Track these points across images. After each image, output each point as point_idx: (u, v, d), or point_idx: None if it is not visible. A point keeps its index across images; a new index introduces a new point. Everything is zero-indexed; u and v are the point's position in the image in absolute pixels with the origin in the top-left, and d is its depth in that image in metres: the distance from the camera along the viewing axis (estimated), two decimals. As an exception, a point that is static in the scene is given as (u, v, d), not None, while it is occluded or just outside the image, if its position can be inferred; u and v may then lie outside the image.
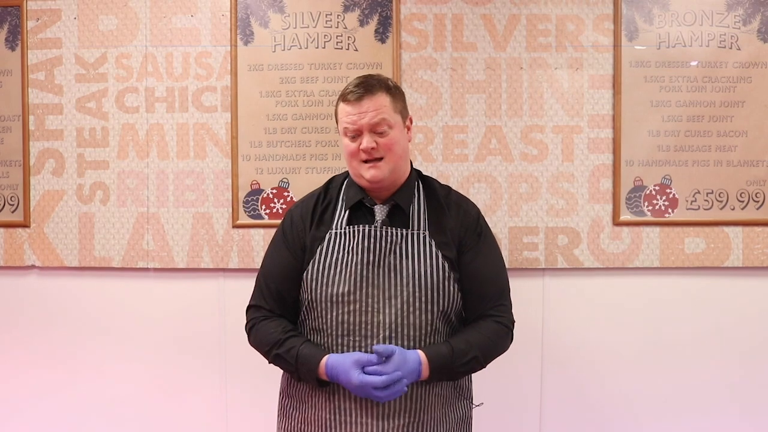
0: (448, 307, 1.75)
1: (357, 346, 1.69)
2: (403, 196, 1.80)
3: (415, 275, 1.72)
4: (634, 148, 2.63)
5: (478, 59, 2.62)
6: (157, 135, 2.66)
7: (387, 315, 1.69)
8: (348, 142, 1.76)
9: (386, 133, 1.74)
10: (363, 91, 1.74)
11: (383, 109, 1.74)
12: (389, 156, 1.75)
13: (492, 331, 1.79)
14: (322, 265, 1.75)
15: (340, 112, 1.78)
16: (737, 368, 2.65)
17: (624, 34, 2.63)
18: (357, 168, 1.76)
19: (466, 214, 1.84)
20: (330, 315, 1.72)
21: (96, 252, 2.67)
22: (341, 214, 1.80)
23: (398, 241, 1.75)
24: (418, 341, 1.71)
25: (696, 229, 2.64)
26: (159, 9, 2.66)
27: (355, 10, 2.62)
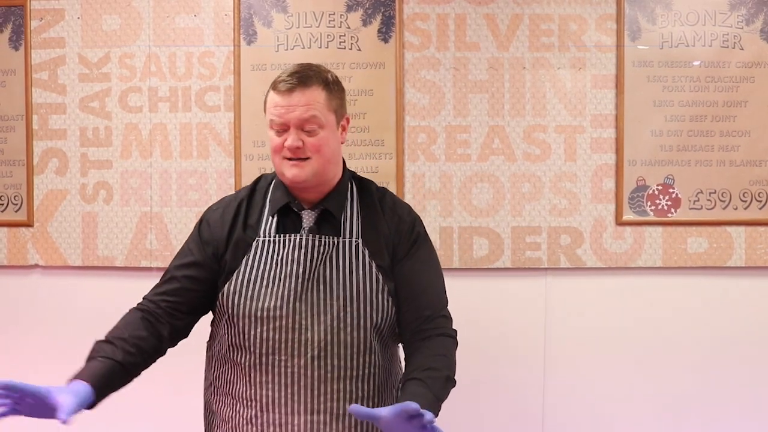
0: (382, 322, 1.59)
1: (283, 365, 1.54)
2: (332, 201, 1.63)
3: (346, 288, 1.56)
4: (636, 147, 2.63)
5: (481, 59, 2.63)
6: (160, 135, 2.67)
7: (316, 332, 1.54)
8: (273, 135, 1.58)
9: (315, 132, 1.56)
10: (296, 82, 1.55)
11: (315, 105, 1.55)
12: (316, 157, 1.56)
13: (445, 347, 1.58)
14: (247, 278, 1.57)
15: (269, 102, 1.59)
16: (740, 368, 2.65)
17: (627, 33, 2.63)
18: (279, 165, 1.59)
19: (400, 219, 1.66)
20: (253, 332, 1.55)
21: (99, 251, 2.68)
22: (268, 220, 1.62)
23: (329, 251, 1.59)
24: (349, 359, 1.56)
25: (699, 229, 2.64)
26: (162, 9, 2.66)
27: (358, 10, 2.63)
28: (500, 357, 2.63)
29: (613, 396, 2.65)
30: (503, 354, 2.63)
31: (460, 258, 2.62)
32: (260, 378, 1.56)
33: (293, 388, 1.55)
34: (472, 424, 2.63)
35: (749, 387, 2.65)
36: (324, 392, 1.55)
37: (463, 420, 2.63)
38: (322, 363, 1.54)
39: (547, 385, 2.64)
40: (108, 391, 1.57)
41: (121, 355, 1.56)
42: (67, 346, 2.69)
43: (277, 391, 1.55)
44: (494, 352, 2.62)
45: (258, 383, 1.57)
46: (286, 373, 1.55)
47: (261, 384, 1.56)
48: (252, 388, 1.57)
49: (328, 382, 1.55)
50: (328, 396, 1.55)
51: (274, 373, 1.55)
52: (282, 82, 1.57)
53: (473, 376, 2.56)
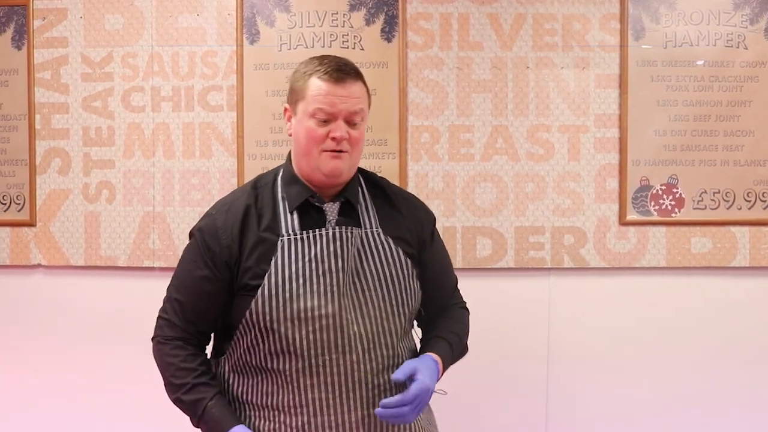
0: (415, 306, 1.63)
1: (333, 365, 1.50)
2: (351, 191, 1.61)
3: (381, 277, 1.56)
4: (640, 147, 2.62)
5: (484, 58, 2.62)
6: (162, 134, 2.66)
7: (361, 325, 1.52)
8: (314, 125, 1.52)
9: (358, 126, 1.55)
10: (350, 73, 1.53)
11: (363, 99, 1.56)
12: (354, 151, 1.56)
13: (464, 317, 1.75)
14: (281, 279, 1.50)
15: (313, 89, 1.52)
16: (743, 368, 2.64)
17: (630, 33, 2.62)
18: (316, 158, 1.53)
19: (415, 207, 1.71)
20: (298, 334, 1.49)
21: (102, 251, 2.67)
22: (289, 218, 1.56)
23: (356, 243, 1.56)
24: (394, 348, 1.56)
25: (702, 229, 2.63)
26: (165, 8, 2.66)
27: (361, 10, 2.62)
28: (503, 357, 2.63)
29: (616, 396, 2.65)
30: (506, 354, 2.63)
31: (463, 258, 2.61)
32: (310, 381, 1.51)
33: (346, 386, 1.51)
34: (475, 424, 2.63)
35: (752, 387, 2.64)
36: (377, 384, 1.53)
37: (466, 420, 2.62)
38: (371, 356, 1.53)
39: (550, 385, 2.64)
40: None
41: (217, 385, 1.59)
42: (69, 346, 2.71)
43: (330, 393, 1.51)
44: (497, 353, 2.62)
45: (308, 387, 1.51)
46: (338, 372, 1.51)
47: (311, 388, 1.51)
48: (301, 394, 1.51)
49: (378, 373, 1.53)
50: (381, 388, 1.54)
51: (325, 374, 1.50)
52: (334, 71, 1.52)
53: (476, 376, 2.55)
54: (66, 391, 2.70)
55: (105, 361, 2.69)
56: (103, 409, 2.70)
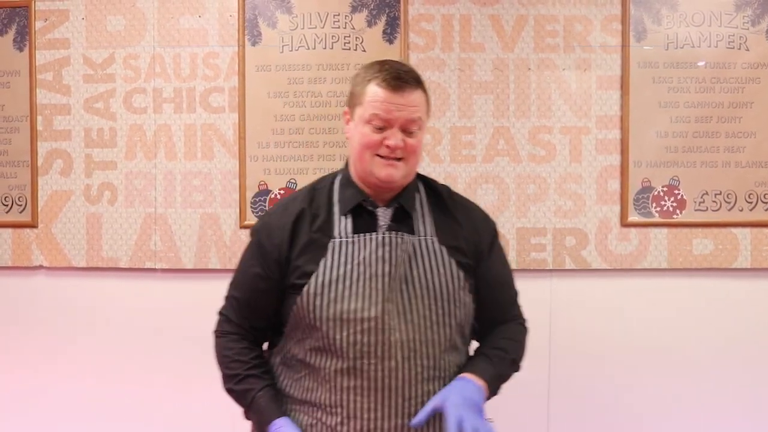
0: (464, 319, 1.58)
1: (372, 369, 1.49)
2: (407, 197, 1.60)
3: (430, 286, 1.53)
4: (642, 149, 2.62)
5: (486, 60, 2.62)
6: (164, 136, 2.66)
7: (404, 332, 1.50)
8: (369, 131, 1.51)
9: (415, 134, 1.53)
10: (409, 81, 1.51)
11: (421, 107, 1.54)
12: (410, 159, 1.54)
13: (519, 333, 1.69)
14: (327, 280, 1.51)
15: (370, 95, 1.51)
16: (745, 369, 2.64)
17: (632, 34, 2.62)
18: (369, 163, 1.53)
19: (476, 217, 1.67)
20: (339, 335, 1.49)
21: (104, 252, 2.67)
22: (341, 220, 1.57)
23: (407, 249, 1.55)
24: (436, 359, 1.53)
25: (704, 231, 2.63)
26: (166, 9, 2.66)
27: (363, 11, 2.62)
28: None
29: (618, 397, 2.65)
30: (508, 355, 2.62)
31: (465, 259, 2.61)
32: (347, 383, 1.50)
33: (383, 393, 1.50)
34: (477, 425, 2.63)
35: (754, 388, 2.64)
36: (413, 395, 1.51)
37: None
38: (411, 364, 1.50)
39: (552, 386, 2.64)
40: None
41: (268, 378, 1.61)
42: (70, 347, 2.71)
43: (366, 397, 1.50)
44: (499, 354, 2.61)
45: (345, 389, 1.51)
46: (376, 377, 1.49)
47: (348, 390, 1.50)
48: (337, 394, 1.51)
49: (417, 383, 1.51)
50: (418, 399, 1.51)
51: (363, 377, 1.49)
52: (393, 78, 1.50)
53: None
54: (67, 392, 2.70)
55: (106, 361, 2.69)
56: (104, 409, 2.70)
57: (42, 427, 2.72)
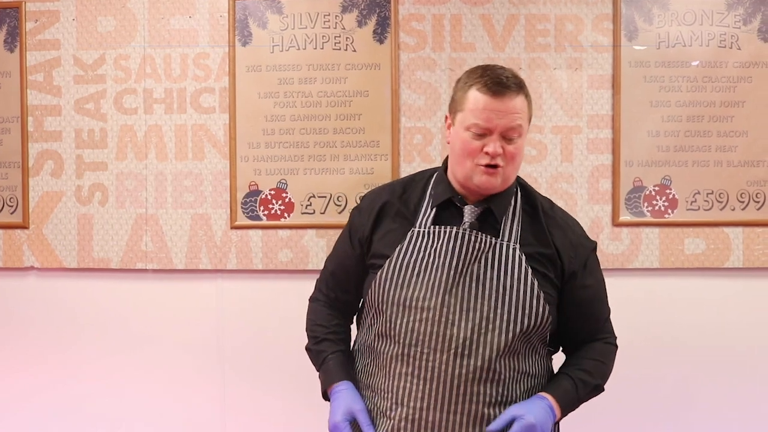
0: (531, 328, 1.53)
1: (424, 358, 1.50)
2: (497, 202, 1.58)
3: (499, 288, 1.52)
4: (633, 148, 2.62)
5: (477, 59, 2.61)
6: (155, 136, 2.66)
7: (462, 329, 1.49)
8: (469, 137, 1.51)
9: (515, 141, 1.52)
10: (511, 87, 1.50)
11: (522, 114, 1.52)
12: (510, 166, 1.54)
13: (606, 354, 1.66)
14: (399, 266, 1.55)
15: (471, 102, 1.51)
16: (737, 369, 2.63)
17: (623, 33, 2.62)
18: (470, 170, 1.53)
19: (572, 233, 1.63)
20: (400, 320, 1.52)
21: (95, 253, 2.67)
22: (427, 212, 1.60)
23: (485, 249, 1.54)
24: (491, 362, 1.50)
25: (696, 230, 2.63)
26: (157, 10, 2.66)
27: (354, 11, 2.62)
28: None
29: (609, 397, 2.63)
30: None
31: (456, 259, 2.60)
32: (400, 369, 1.53)
33: (432, 384, 1.50)
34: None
35: (746, 388, 2.63)
36: (463, 393, 1.50)
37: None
38: (465, 362, 1.49)
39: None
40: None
41: (342, 344, 1.70)
42: (62, 348, 2.71)
43: (415, 384, 1.51)
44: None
45: (398, 374, 1.53)
46: (427, 367, 1.50)
47: (400, 375, 1.53)
48: (390, 379, 1.54)
49: (468, 383, 1.50)
50: (467, 397, 1.50)
51: (414, 365, 1.51)
52: (494, 83, 1.50)
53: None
54: (58, 392, 2.70)
55: (97, 362, 2.69)
56: (95, 409, 2.70)
57: (33, 427, 2.72)
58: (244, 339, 2.66)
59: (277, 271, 2.64)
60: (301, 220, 2.63)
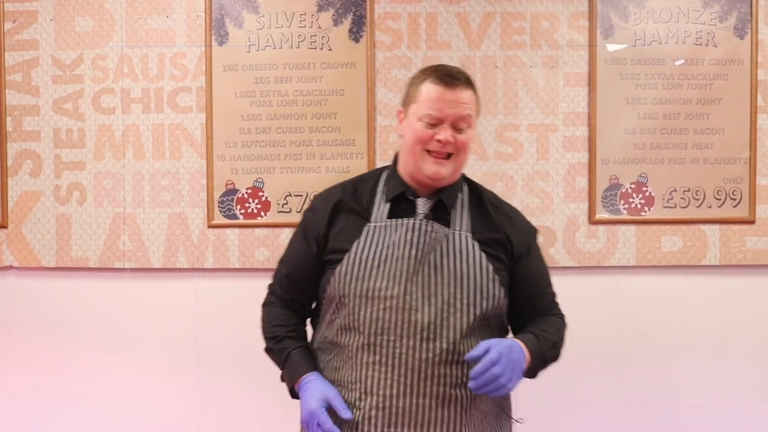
0: (490, 309, 1.61)
1: (391, 345, 1.55)
2: (448, 194, 1.66)
3: (457, 274, 1.59)
4: (609, 146, 2.62)
5: (453, 58, 2.62)
6: (133, 136, 2.67)
7: (426, 314, 1.55)
8: (421, 126, 1.59)
9: (465, 132, 1.60)
10: (462, 80, 1.60)
11: (472, 105, 1.62)
12: (459, 155, 1.62)
13: (559, 323, 1.76)
14: (358, 259, 1.60)
15: (425, 92, 1.59)
16: (713, 366, 2.63)
17: (599, 31, 2.62)
18: (419, 158, 1.60)
19: (515, 218, 1.73)
20: (364, 312, 1.57)
21: (73, 252, 2.68)
22: (381, 207, 1.66)
23: (440, 239, 1.61)
24: (455, 344, 1.56)
25: (673, 228, 2.62)
26: (134, 10, 2.67)
27: (329, 10, 2.62)
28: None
29: (587, 395, 2.64)
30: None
31: (433, 257, 2.61)
32: (367, 359, 1.57)
33: (399, 370, 1.54)
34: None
35: (723, 385, 2.63)
36: (430, 375, 1.54)
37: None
38: (430, 345, 1.54)
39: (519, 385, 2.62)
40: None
41: (303, 340, 1.73)
42: (41, 347, 2.72)
43: (383, 372, 1.55)
44: (467, 352, 2.61)
45: (364, 364, 1.57)
46: (394, 354, 1.55)
47: (367, 365, 1.57)
48: (358, 370, 1.58)
49: (435, 365, 1.54)
50: (434, 380, 1.55)
51: (381, 353, 1.55)
52: (449, 76, 1.59)
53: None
54: (37, 391, 2.71)
55: (76, 361, 2.70)
56: (74, 408, 2.71)
57: (13, 427, 2.73)
58: (221, 337, 2.67)
59: (254, 269, 2.65)
60: (278, 218, 2.64)
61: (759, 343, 2.64)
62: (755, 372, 2.64)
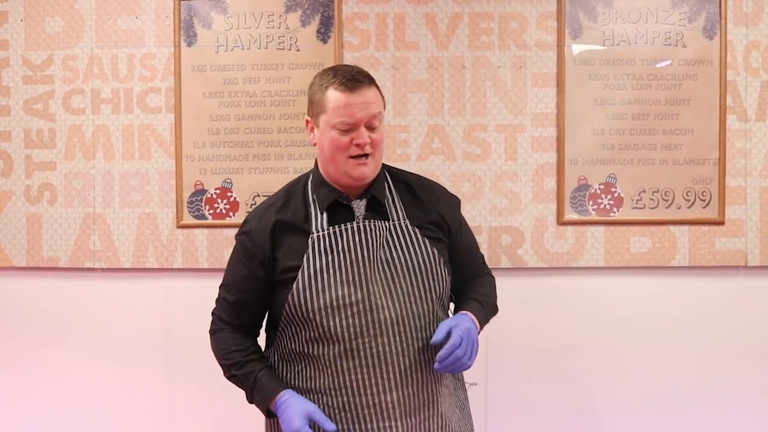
0: (443, 291, 1.70)
1: (367, 347, 1.60)
2: (376, 188, 1.70)
3: (409, 265, 1.65)
4: (578, 146, 2.61)
5: (421, 58, 2.62)
6: (102, 136, 2.68)
7: (391, 309, 1.61)
8: (337, 135, 1.61)
9: (378, 129, 1.64)
10: (363, 80, 1.61)
11: (379, 102, 1.64)
12: (377, 153, 1.66)
13: (490, 282, 1.88)
14: (313, 272, 1.62)
15: (332, 102, 1.60)
16: (682, 367, 2.63)
17: (568, 32, 2.61)
18: (344, 165, 1.63)
19: (441, 194, 1.80)
20: (332, 322, 1.60)
21: (44, 252, 2.70)
22: (319, 217, 1.67)
23: (384, 234, 1.66)
24: (423, 330, 1.63)
25: (642, 229, 2.62)
26: (104, 11, 2.67)
27: (297, 11, 2.63)
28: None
29: (555, 393, 2.64)
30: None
31: (400, 258, 2.61)
32: (347, 365, 1.61)
33: (381, 368, 1.60)
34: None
35: (690, 385, 2.63)
36: (408, 366, 1.61)
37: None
38: (401, 338, 1.61)
39: (489, 386, 2.63)
40: None
41: (266, 360, 1.73)
42: (11, 346, 2.73)
43: (366, 374, 1.60)
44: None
45: (345, 370, 1.61)
46: (372, 354, 1.60)
47: (348, 370, 1.61)
48: (339, 376, 1.62)
49: (410, 354, 1.62)
50: (412, 368, 1.62)
51: (360, 357, 1.60)
52: (349, 80, 1.60)
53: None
54: (7, 390, 2.72)
55: (46, 360, 2.71)
56: (43, 409, 2.72)
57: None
58: (191, 337, 2.67)
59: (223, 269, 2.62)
60: (246, 219, 2.65)
61: (727, 344, 2.63)
62: (723, 372, 2.63)
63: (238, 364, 1.69)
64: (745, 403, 2.63)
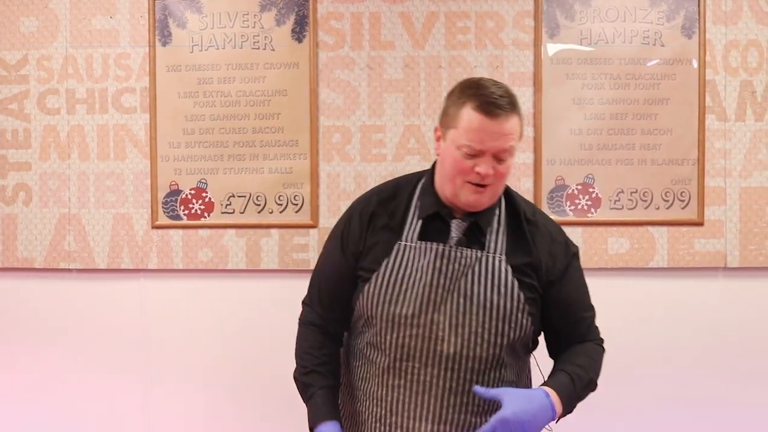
0: (516, 339, 1.57)
1: (415, 372, 1.54)
2: (484, 215, 1.59)
3: (486, 303, 1.54)
4: (555, 146, 2.59)
5: (396, 58, 2.60)
6: (78, 136, 2.67)
7: (452, 344, 1.53)
8: (460, 156, 1.50)
9: (505, 161, 1.53)
10: (504, 108, 1.48)
11: (515, 135, 1.53)
12: (498, 184, 1.55)
13: (595, 352, 1.65)
14: (386, 281, 1.56)
15: (465, 121, 1.49)
16: (662, 369, 2.60)
17: (545, 31, 2.59)
18: (460, 187, 1.53)
19: (553, 240, 1.63)
20: (390, 336, 1.55)
21: (19, 253, 2.69)
22: (413, 225, 1.59)
23: (471, 264, 1.55)
24: (481, 374, 1.54)
25: (620, 229, 2.60)
26: (79, 10, 2.66)
27: (272, 10, 2.61)
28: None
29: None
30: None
31: (376, 259, 2.59)
32: (393, 381, 1.57)
33: (423, 396, 1.54)
34: None
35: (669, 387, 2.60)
36: (452, 404, 1.54)
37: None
38: (454, 375, 1.53)
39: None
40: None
41: (331, 377, 1.65)
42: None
43: (407, 396, 1.56)
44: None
45: (390, 386, 1.57)
46: (418, 381, 1.54)
47: (393, 387, 1.57)
48: (383, 389, 1.58)
49: (458, 394, 1.54)
50: (456, 408, 1.54)
51: (406, 378, 1.55)
52: (491, 105, 1.48)
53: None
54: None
55: (21, 361, 2.70)
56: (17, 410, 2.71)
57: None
58: (167, 337, 2.67)
59: (198, 270, 2.64)
60: (221, 219, 2.63)
61: (706, 345, 2.61)
62: (700, 374, 2.60)
63: (305, 368, 1.65)
64: (725, 405, 2.60)
